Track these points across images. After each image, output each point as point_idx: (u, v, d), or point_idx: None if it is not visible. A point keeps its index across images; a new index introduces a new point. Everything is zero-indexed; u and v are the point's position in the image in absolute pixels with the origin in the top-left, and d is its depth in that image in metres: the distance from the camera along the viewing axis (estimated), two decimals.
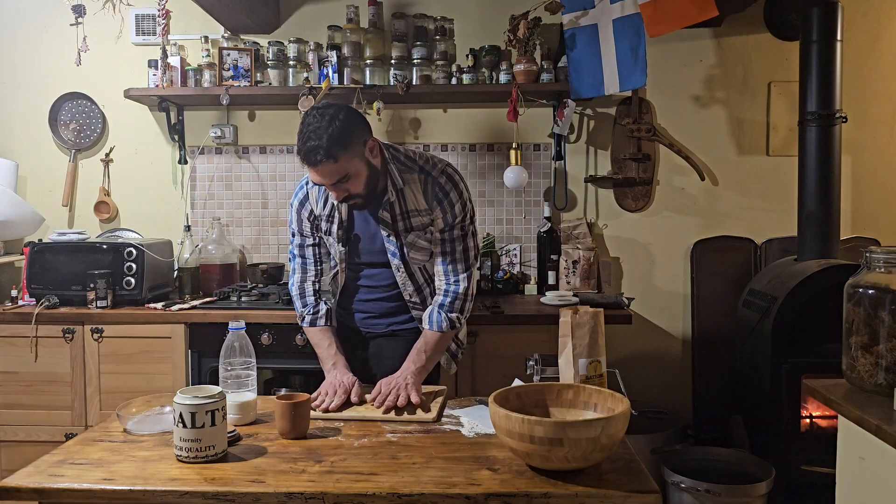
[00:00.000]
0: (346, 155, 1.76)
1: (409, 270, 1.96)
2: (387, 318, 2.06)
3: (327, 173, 1.76)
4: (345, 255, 1.99)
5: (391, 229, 1.92)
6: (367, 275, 2.04)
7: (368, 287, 2.04)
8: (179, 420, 1.38)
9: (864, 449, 1.53)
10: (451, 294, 1.95)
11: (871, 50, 3.20)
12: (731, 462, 2.72)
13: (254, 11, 3.08)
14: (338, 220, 1.96)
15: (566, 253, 3.13)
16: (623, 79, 2.86)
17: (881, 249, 1.62)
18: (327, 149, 1.72)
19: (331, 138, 1.73)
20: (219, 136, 3.24)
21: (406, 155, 1.95)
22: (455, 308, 1.95)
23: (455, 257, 1.96)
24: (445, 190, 1.92)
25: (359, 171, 1.80)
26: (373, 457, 1.44)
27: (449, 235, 1.95)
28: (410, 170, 1.93)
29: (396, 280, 1.98)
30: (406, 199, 1.92)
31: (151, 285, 2.93)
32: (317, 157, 1.73)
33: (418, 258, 1.97)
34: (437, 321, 1.93)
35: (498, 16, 3.18)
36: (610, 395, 1.43)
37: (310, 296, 2.02)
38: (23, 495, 1.30)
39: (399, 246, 1.94)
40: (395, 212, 1.92)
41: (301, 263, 2.04)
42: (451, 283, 1.96)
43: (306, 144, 1.73)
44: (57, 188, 3.36)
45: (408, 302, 2.01)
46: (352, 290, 2.07)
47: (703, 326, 3.23)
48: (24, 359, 2.79)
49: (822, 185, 2.82)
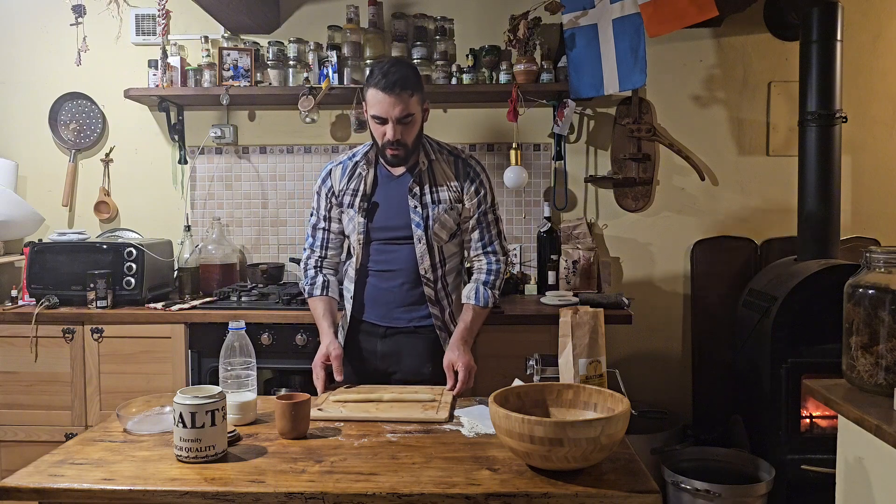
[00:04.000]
0: (418, 96, 1.93)
1: (429, 243, 2.01)
2: (408, 311, 2.07)
3: (401, 103, 1.88)
4: (364, 228, 2.03)
5: (419, 200, 2.00)
6: (384, 257, 2.05)
7: (386, 272, 2.06)
8: (179, 420, 1.38)
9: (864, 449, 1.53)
10: (493, 273, 2.07)
11: (871, 50, 3.21)
12: (731, 462, 2.72)
13: (254, 11, 3.08)
14: (361, 191, 2.03)
15: (566, 253, 3.13)
16: (623, 79, 2.86)
17: (881, 249, 1.63)
18: (408, 82, 1.89)
19: (413, 76, 1.93)
20: (219, 136, 3.24)
21: (435, 140, 2.10)
22: (496, 286, 2.07)
23: (493, 238, 2.08)
24: (476, 171, 2.05)
25: (417, 119, 1.95)
26: (373, 457, 1.44)
27: (485, 218, 2.07)
28: (440, 150, 2.07)
29: (416, 252, 2.01)
30: (435, 172, 2.03)
31: (151, 285, 2.93)
32: (397, 87, 1.86)
33: (440, 235, 2.03)
34: (483, 296, 2.03)
35: (498, 16, 3.18)
36: (610, 395, 1.43)
37: (310, 269, 2.14)
38: (23, 495, 1.30)
39: (424, 217, 2.00)
40: (424, 182, 2.01)
41: (310, 244, 2.15)
42: (493, 262, 2.08)
43: (388, 74, 1.87)
44: (57, 188, 3.36)
45: (422, 277, 2.03)
46: (367, 280, 2.08)
47: (703, 326, 3.23)
48: (24, 359, 2.79)
49: (822, 185, 2.82)
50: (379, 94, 1.88)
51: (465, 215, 2.06)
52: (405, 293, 2.05)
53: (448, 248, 2.07)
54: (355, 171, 2.05)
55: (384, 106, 1.89)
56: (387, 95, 1.87)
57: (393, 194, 2.03)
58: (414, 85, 1.91)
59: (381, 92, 1.88)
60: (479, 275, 2.08)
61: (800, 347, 2.62)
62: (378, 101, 1.89)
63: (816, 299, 2.59)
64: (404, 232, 2.02)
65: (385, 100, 1.88)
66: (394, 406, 1.74)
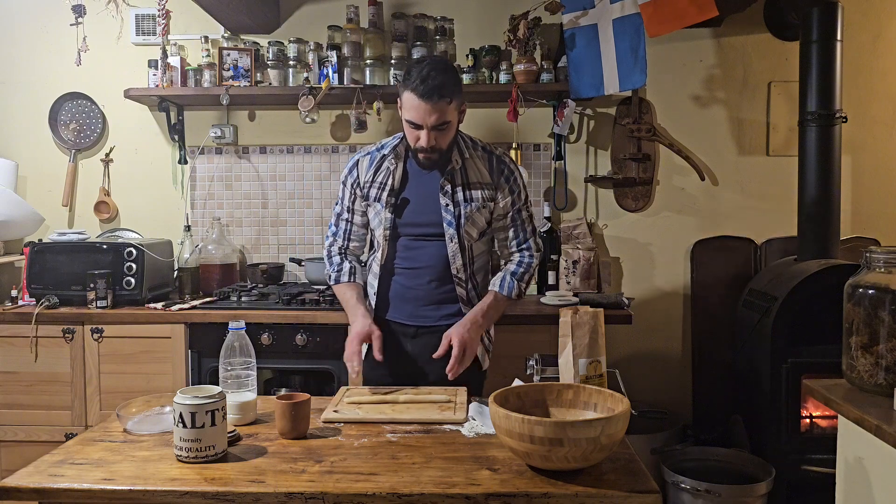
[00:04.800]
0: (456, 102, 1.88)
1: (461, 243, 1.99)
2: (437, 309, 2.04)
3: (438, 111, 1.84)
4: (390, 224, 2.00)
5: (451, 198, 1.97)
6: (410, 253, 2.02)
7: (412, 269, 2.03)
8: (179, 420, 1.38)
9: (864, 449, 1.53)
10: (524, 265, 2.04)
11: (871, 50, 3.20)
12: (731, 462, 2.72)
13: (254, 11, 3.08)
14: (389, 186, 2.00)
15: (566, 253, 3.12)
16: (623, 79, 2.86)
17: (881, 249, 1.63)
18: (447, 89, 1.84)
19: (451, 81, 1.86)
20: (219, 136, 3.24)
21: (469, 136, 2.06)
22: (524, 279, 2.03)
23: (527, 234, 2.06)
24: (511, 168, 2.03)
25: (453, 125, 1.92)
26: (373, 457, 1.44)
27: (519, 216, 2.05)
28: (475, 147, 2.03)
29: (447, 251, 1.99)
30: (468, 170, 2.00)
31: (151, 285, 2.94)
32: (435, 94, 1.82)
33: (471, 233, 2.01)
34: (508, 285, 2.01)
35: (498, 16, 3.18)
36: (610, 395, 1.43)
37: (335, 256, 2.11)
38: (23, 495, 1.30)
39: (457, 216, 1.97)
40: (457, 181, 1.99)
41: (333, 232, 2.14)
42: (526, 256, 2.06)
43: (427, 80, 1.82)
44: (57, 188, 3.36)
45: (454, 277, 2.01)
46: (392, 279, 2.06)
47: (703, 326, 3.23)
48: (24, 359, 2.79)
49: (822, 185, 2.82)
50: (415, 100, 1.83)
51: (497, 213, 2.03)
52: (433, 291, 2.02)
53: (477, 247, 2.06)
54: (382, 163, 2.01)
55: (420, 113, 1.84)
56: (423, 102, 1.83)
57: (423, 191, 1.99)
58: (452, 91, 1.85)
59: (418, 98, 1.83)
60: (510, 265, 2.06)
61: (800, 347, 2.62)
62: (414, 106, 1.84)
63: (816, 299, 2.59)
64: (434, 229, 1.99)
65: (421, 106, 1.83)
66: (410, 407, 1.74)
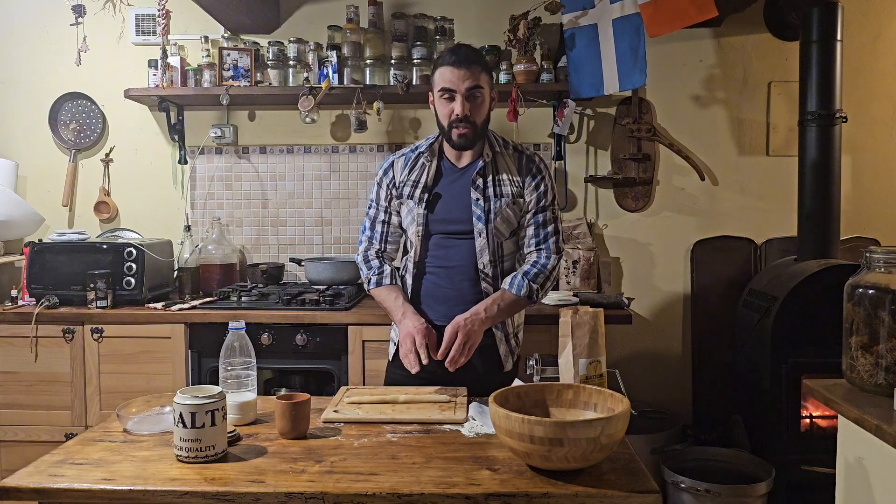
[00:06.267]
0: (487, 75, 1.96)
1: (489, 238, 1.99)
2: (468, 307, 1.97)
3: (471, 76, 1.90)
4: (423, 220, 2.01)
5: (481, 193, 1.98)
6: (442, 252, 2.02)
7: (444, 267, 2.02)
8: (179, 420, 1.38)
9: (864, 449, 1.53)
10: (538, 266, 2.00)
11: (871, 50, 3.21)
12: (731, 462, 2.72)
13: (254, 11, 3.08)
14: (423, 182, 2.01)
15: (566, 253, 3.12)
16: (623, 79, 2.86)
17: (881, 249, 1.62)
18: (479, 58, 1.95)
19: (483, 57, 1.99)
20: (219, 136, 3.24)
21: (501, 136, 2.10)
22: (538, 280, 1.98)
23: (548, 235, 2.03)
24: (539, 168, 2.03)
25: (486, 97, 1.96)
26: (373, 457, 1.43)
27: (543, 217, 2.03)
28: (506, 145, 2.06)
29: (475, 246, 1.98)
30: (498, 165, 2.02)
31: (151, 285, 2.94)
32: (470, 61, 1.90)
33: (501, 229, 2.00)
34: (517, 284, 1.97)
35: (498, 16, 3.18)
36: (610, 395, 1.43)
37: (373, 260, 2.08)
38: (23, 495, 1.30)
39: (486, 210, 1.98)
40: (487, 175, 2.00)
41: (369, 236, 2.10)
42: (543, 256, 2.02)
43: (458, 52, 1.93)
44: (57, 188, 3.36)
45: (480, 272, 2.00)
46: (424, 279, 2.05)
47: (703, 326, 3.23)
48: (24, 359, 2.79)
49: (822, 185, 2.82)
50: (448, 70, 1.91)
51: (523, 210, 2.02)
52: (465, 290, 2.01)
53: (507, 246, 2.04)
54: (418, 161, 2.03)
55: (453, 78, 1.90)
56: (456, 69, 1.90)
57: (456, 186, 2.00)
58: (484, 63, 1.95)
59: (451, 67, 1.90)
60: (524, 265, 2.03)
61: (800, 347, 2.62)
62: (447, 76, 1.91)
63: (816, 299, 2.59)
64: (465, 226, 1.99)
65: (454, 72, 1.90)
66: (410, 407, 1.74)
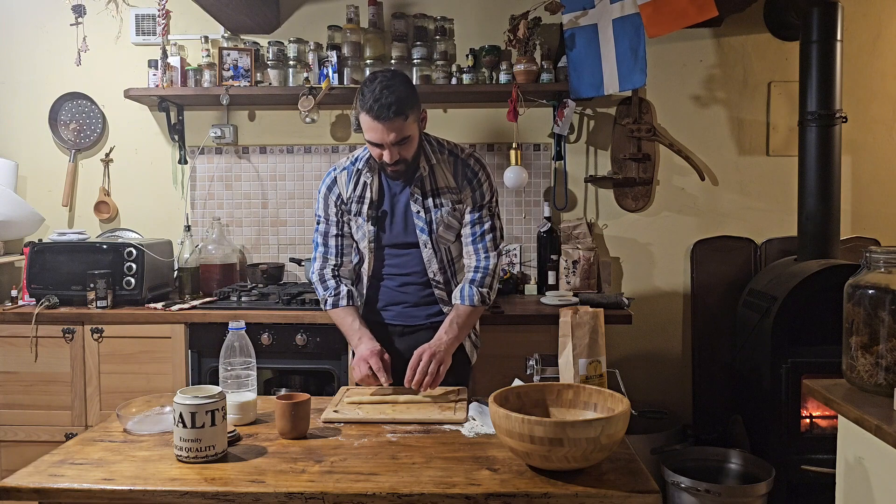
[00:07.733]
0: (413, 115, 1.87)
1: (435, 248, 2.01)
2: (424, 309, 2.07)
3: (395, 129, 1.83)
4: (374, 236, 2.02)
5: (421, 205, 1.99)
6: (395, 261, 2.05)
7: (398, 275, 2.06)
8: (179, 420, 1.38)
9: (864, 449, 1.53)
10: (481, 270, 2.02)
11: (871, 50, 3.20)
12: (731, 462, 2.72)
13: (254, 11, 3.08)
14: (368, 199, 2.01)
15: (566, 253, 3.13)
16: (623, 79, 2.86)
17: (881, 249, 1.62)
18: (401, 105, 1.82)
19: (404, 96, 1.83)
20: (219, 136, 3.24)
21: (435, 139, 2.05)
22: (485, 284, 2.01)
23: (484, 236, 2.04)
24: (474, 170, 2.02)
25: (414, 136, 1.90)
26: (373, 457, 1.44)
27: (478, 216, 2.03)
28: (441, 150, 2.03)
29: (423, 256, 2.01)
30: (436, 176, 2.01)
31: (151, 285, 2.93)
32: (390, 113, 1.80)
33: (446, 237, 2.02)
34: (468, 295, 1.99)
35: (498, 16, 3.18)
36: (610, 395, 1.43)
37: (329, 279, 2.05)
38: (23, 495, 1.30)
39: (428, 222, 1.99)
40: (426, 188, 2.00)
41: (323, 252, 2.07)
42: (482, 259, 2.03)
43: (380, 100, 1.80)
44: (57, 188, 3.36)
45: (431, 280, 2.03)
46: (381, 284, 2.07)
47: (703, 326, 3.23)
48: (24, 359, 2.79)
49: (822, 185, 2.82)
50: (371, 122, 1.83)
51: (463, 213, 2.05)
52: (419, 294, 2.06)
53: (455, 248, 2.07)
54: (360, 177, 2.01)
55: (378, 133, 1.84)
56: (379, 123, 1.82)
57: (400, 199, 2.02)
58: (407, 106, 1.83)
59: (374, 120, 1.82)
60: (467, 273, 2.05)
61: (800, 347, 2.62)
62: (371, 127, 1.84)
63: (816, 299, 2.59)
64: (412, 237, 2.01)
65: (377, 127, 1.83)
66: (410, 407, 1.74)
